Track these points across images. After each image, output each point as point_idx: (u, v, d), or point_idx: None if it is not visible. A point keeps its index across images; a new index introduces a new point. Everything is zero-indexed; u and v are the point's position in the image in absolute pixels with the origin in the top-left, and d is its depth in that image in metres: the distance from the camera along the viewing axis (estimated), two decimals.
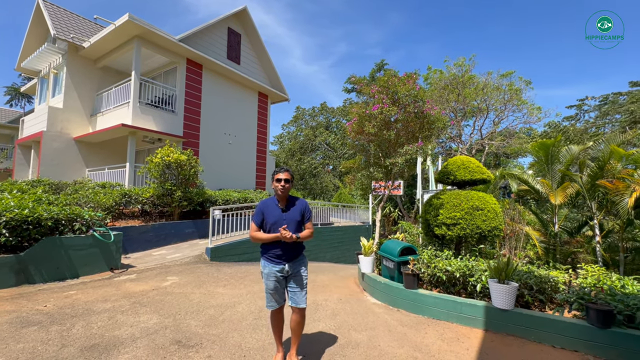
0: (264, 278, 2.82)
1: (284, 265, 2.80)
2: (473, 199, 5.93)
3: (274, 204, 2.83)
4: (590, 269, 5.96)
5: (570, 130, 21.46)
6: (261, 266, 2.87)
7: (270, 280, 2.79)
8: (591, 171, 6.62)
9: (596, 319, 3.42)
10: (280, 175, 2.80)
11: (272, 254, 2.79)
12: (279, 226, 2.72)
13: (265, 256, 2.84)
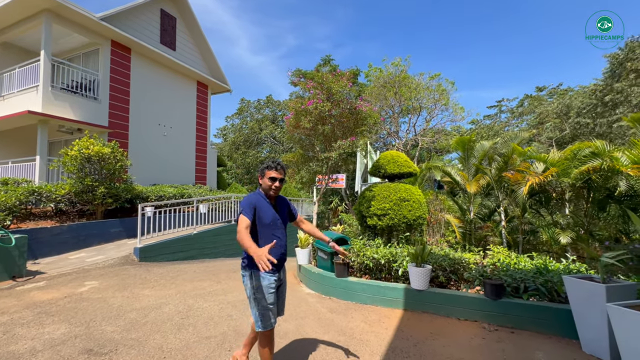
0: (262, 292, 2.28)
1: (280, 273, 2.45)
2: (401, 191, 6.41)
3: (265, 202, 2.42)
4: (496, 250, 6.89)
5: (494, 127, 24.24)
6: (255, 279, 2.31)
7: (271, 293, 2.29)
8: (498, 165, 7.63)
9: (490, 292, 3.98)
10: (274, 173, 2.39)
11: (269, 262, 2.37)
12: (275, 227, 2.40)
13: (256, 266, 2.27)
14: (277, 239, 2.35)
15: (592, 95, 17.85)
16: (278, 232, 2.42)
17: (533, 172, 7.02)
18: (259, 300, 2.27)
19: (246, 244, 2.09)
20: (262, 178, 2.44)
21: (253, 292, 2.30)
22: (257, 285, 2.29)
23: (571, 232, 6.55)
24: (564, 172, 6.58)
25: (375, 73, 17.77)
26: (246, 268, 2.36)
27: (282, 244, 2.44)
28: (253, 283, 2.30)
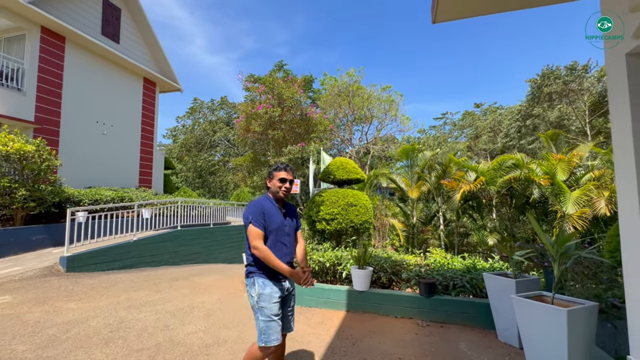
0: (265, 301, 2.12)
1: (286, 282, 2.29)
2: (348, 196, 6.64)
3: (274, 206, 2.29)
4: (435, 252, 7.45)
5: (438, 138, 26.20)
6: (257, 286, 2.16)
7: (275, 303, 2.15)
8: (437, 173, 8.31)
9: (424, 290, 4.30)
10: (284, 174, 2.30)
11: (270, 269, 2.18)
12: (283, 234, 2.25)
13: (264, 272, 2.18)
14: (283, 246, 2.23)
15: (517, 115, 20.25)
16: (285, 239, 2.26)
17: (466, 180, 7.75)
18: (263, 310, 2.11)
19: (275, 263, 2.09)
20: (270, 180, 2.34)
21: (256, 300, 2.14)
22: (259, 292, 2.14)
23: (497, 234, 7.32)
24: (492, 180, 7.37)
25: (330, 82, 18.26)
26: (250, 275, 2.22)
27: (290, 252, 2.29)
28: (256, 290, 2.15)
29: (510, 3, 3.19)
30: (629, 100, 2.13)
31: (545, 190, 6.63)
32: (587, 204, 6.15)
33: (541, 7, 3.14)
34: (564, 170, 6.82)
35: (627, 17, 2.09)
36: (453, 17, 3.36)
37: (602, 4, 2.41)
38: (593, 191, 6.17)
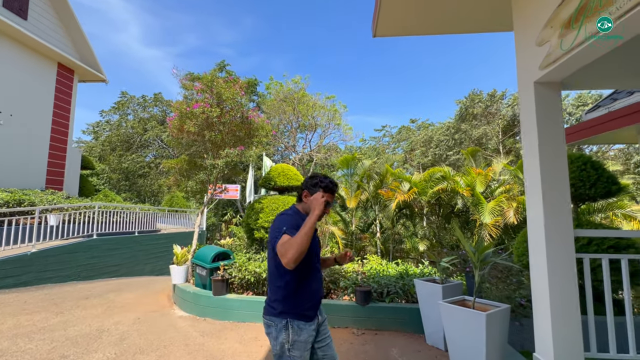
0: (299, 349, 1.66)
1: (318, 316, 1.81)
2: (289, 204, 6.50)
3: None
4: (372, 258, 7.69)
5: (377, 149, 27.66)
6: (291, 332, 1.66)
7: (308, 351, 1.72)
8: (375, 182, 8.68)
9: (360, 299, 4.34)
10: (330, 198, 1.81)
11: (314, 302, 1.76)
12: (316, 256, 1.83)
13: (299, 312, 1.69)
14: (317, 271, 1.83)
15: (446, 132, 22.50)
16: (317, 263, 1.86)
17: (401, 190, 8.21)
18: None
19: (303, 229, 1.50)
20: (310, 195, 1.80)
21: (287, 349, 1.64)
22: (294, 340, 1.64)
23: (427, 241, 7.87)
24: (423, 191, 7.93)
25: (276, 87, 18.10)
26: (279, 315, 1.67)
27: (321, 276, 1.91)
28: (289, 337, 1.64)
29: (442, 28, 3.46)
30: (536, 122, 2.40)
31: (467, 200, 7.35)
32: (499, 213, 6.96)
33: (470, 34, 3.46)
34: (482, 183, 7.65)
35: (535, 50, 2.37)
36: (392, 34, 3.52)
37: (516, 37, 2.71)
38: (504, 202, 7.01)
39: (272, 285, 1.73)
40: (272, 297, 1.72)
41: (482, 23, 3.24)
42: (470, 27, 3.36)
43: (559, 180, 2.32)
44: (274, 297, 1.71)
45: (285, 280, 1.66)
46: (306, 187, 1.82)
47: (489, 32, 3.34)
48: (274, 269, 1.71)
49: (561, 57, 2.09)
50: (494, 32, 3.29)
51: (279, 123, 18.45)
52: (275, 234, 1.63)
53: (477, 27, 3.34)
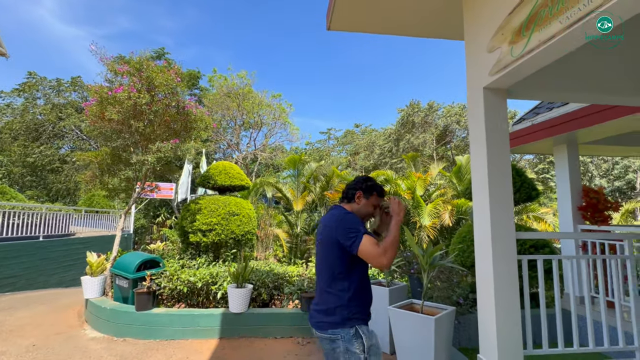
0: (376, 355, 1.52)
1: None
2: (230, 204, 6.01)
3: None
4: None
5: (323, 151, 27.93)
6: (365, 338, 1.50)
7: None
8: (322, 184, 8.60)
9: (306, 305, 4.11)
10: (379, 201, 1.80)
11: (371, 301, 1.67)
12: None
13: (364, 315, 1.58)
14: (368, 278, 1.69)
15: (388, 137, 23.71)
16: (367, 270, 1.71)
17: None
18: None
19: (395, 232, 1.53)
20: (364, 199, 1.74)
21: (365, 357, 1.47)
22: (369, 345, 1.50)
23: None
24: None
25: (220, 80, 17.06)
26: (345, 324, 1.51)
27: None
28: (364, 343, 1.49)
29: (395, 28, 3.43)
30: (484, 128, 2.45)
31: (408, 203, 7.66)
32: (436, 215, 7.38)
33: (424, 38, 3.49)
34: (422, 187, 8.06)
35: (486, 56, 2.42)
36: (346, 28, 3.38)
37: (467, 44, 2.77)
38: (441, 205, 7.46)
39: (330, 291, 1.55)
40: (331, 305, 1.53)
41: (434, 28, 3.28)
42: (423, 32, 3.40)
43: (503, 184, 2.39)
44: (335, 304, 1.52)
45: (351, 281, 1.54)
46: (361, 189, 1.75)
47: (442, 38, 3.41)
48: (338, 271, 1.54)
49: (511, 64, 2.14)
50: (446, 39, 3.37)
51: (221, 119, 17.42)
52: (349, 234, 1.50)
53: (430, 32, 3.39)
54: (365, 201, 1.74)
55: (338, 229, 1.55)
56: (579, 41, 1.79)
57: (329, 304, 1.54)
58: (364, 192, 1.75)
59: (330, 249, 1.56)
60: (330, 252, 1.56)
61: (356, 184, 1.79)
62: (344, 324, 1.50)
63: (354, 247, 1.48)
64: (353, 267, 1.55)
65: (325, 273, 1.59)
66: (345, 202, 1.78)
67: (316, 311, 1.59)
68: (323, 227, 1.67)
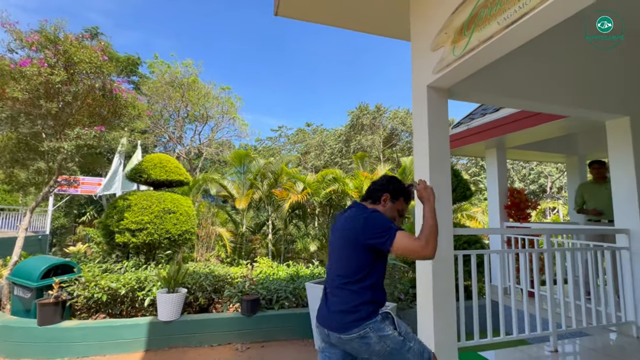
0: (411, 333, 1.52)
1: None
2: (166, 201, 5.47)
3: None
4: (262, 261, 7.27)
5: (273, 149, 27.40)
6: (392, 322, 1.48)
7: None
8: (270, 181, 8.33)
9: (246, 309, 3.86)
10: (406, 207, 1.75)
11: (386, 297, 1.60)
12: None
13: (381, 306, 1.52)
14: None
15: (338, 138, 24.13)
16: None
17: (295, 190, 8.09)
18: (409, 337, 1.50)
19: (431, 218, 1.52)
20: (390, 202, 1.67)
21: (399, 333, 1.46)
22: (399, 325, 1.50)
23: (318, 241, 7.95)
24: (316, 192, 8.00)
25: (162, 67, 15.68)
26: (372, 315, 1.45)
27: None
28: (394, 323, 1.49)
29: (343, 21, 3.36)
30: (427, 126, 2.48)
31: None
32: None
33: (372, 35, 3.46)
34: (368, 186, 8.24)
35: (430, 55, 2.45)
36: (294, 16, 3.21)
37: (413, 42, 2.79)
38: None
39: (352, 289, 1.48)
40: (355, 303, 1.46)
41: (381, 25, 3.27)
42: (371, 28, 3.38)
43: (444, 181, 2.44)
44: (357, 300, 1.46)
45: (373, 277, 1.51)
46: (389, 191, 1.67)
47: (390, 37, 3.42)
48: (361, 270, 1.48)
49: (453, 62, 2.18)
50: (395, 38, 3.39)
51: (163, 109, 16.04)
52: (380, 232, 1.44)
53: (377, 29, 3.38)
54: (391, 205, 1.66)
55: (366, 229, 1.47)
56: (516, 42, 1.86)
57: (352, 301, 1.47)
58: (392, 194, 1.67)
59: (353, 249, 1.50)
60: (353, 251, 1.50)
61: (384, 184, 1.70)
62: (369, 317, 1.44)
63: (387, 245, 1.42)
64: (376, 265, 1.52)
65: (345, 271, 1.52)
66: (369, 203, 1.68)
67: (335, 312, 1.49)
68: (344, 225, 1.59)
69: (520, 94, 2.69)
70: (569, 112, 3.00)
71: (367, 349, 1.44)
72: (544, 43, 2.76)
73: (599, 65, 2.98)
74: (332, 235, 1.67)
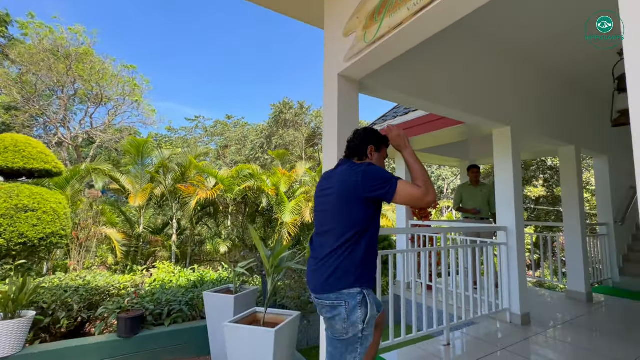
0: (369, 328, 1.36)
1: None
2: (21, 196, 4.23)
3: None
4: (162, 266, 6.33)
5: (188, 140, 24.97)
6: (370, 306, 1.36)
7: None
8: (175, 175, 7.35)
9: (124, 329, 3.16)
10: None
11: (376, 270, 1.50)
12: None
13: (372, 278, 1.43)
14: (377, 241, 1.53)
15: (260, 133, 23.34)
16: None
17: (205, 186, 7.31)
18: (366, 339, 1.36)
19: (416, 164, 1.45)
20: (376, 153, 1.59)
21: (360, 330, 1.33)
22: (371, 315, 1.35)
23: (229, 242, 7.33)
24: (230, 188, 7.37)
25: (41, 30, 12.64)
26: (353, 286, 1.34)
27: None
28: (366, 313, 1.34)
29: None
30: (337, 116, 2.28)
31: (272, 199, 7.43)
32: (298, 212, 7.41)
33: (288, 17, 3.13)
34: (286, 184, 7.98)
35: (343, 41, 2.26)
36: None
37: (326, 27, 2.58)
38: (303, 202, 7.54)
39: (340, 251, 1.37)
40: (341, 265, 1.36)
41: (297, 7, 2.98)
42: (286, 9, 3.06)
43: None
44: (345, 263, 1.36)
45: (364, 241, 1.39)
46: (372, 142, 1.59)
47: (305, 22, 3.16)
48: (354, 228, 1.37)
49: (365, 50, 2.01)
50: (310, 24, 3.14)
51: (40, 82, 12.97)
52: (380, 183, 1.36)
53: (293, 11, 3.08)
54: (377, 155, 1.60)
55: (366, 181, 1.38)
56: (425, 32, 1.77)
57: (339, 264, 1.37)
58: (375, 145, 1.59)
59: (349, 203, 1.40)
60: (349, 206, 1.40)
61: (364, 138, 1.59)
62: (352, 286, 1.36)
63: (389, 194, 1.36)
64: (373, 221, 1.44)
65: (336, 231, 1.41)
66: (357, 160, 1.58)
67: (319, 273, 1.41)
68: (337, 182, 1.47)
69: (428, 96, 2.71)
70: (466, 118, 3.20)
71: (330, 321, 1.37)
72: (448, 51, 2.87)
73: (492, 79, 3.25)
74: (317, 198, 1.58)
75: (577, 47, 3.34)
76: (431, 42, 2.75)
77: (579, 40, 3.11)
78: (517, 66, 3.52)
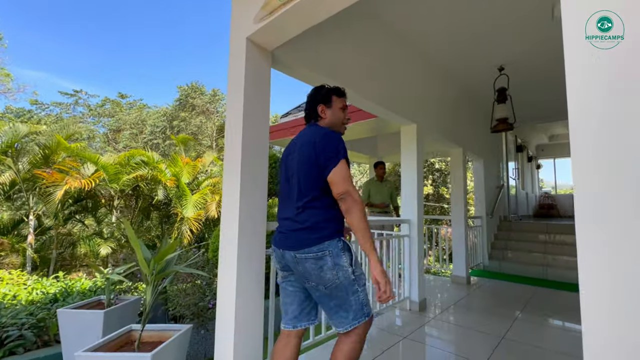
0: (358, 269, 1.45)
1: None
2: None
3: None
4: (7, 277, 4.83)
5: (65, 120, 20.30)
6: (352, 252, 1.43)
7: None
8: (35, 158, 5.68)
9: None
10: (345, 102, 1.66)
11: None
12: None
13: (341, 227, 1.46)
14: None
15: (162, 117, 20.65)
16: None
17: (81, 173, 5.88)
18: (361, 279, 1.44)
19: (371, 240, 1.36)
20: (328, 109, 1.57)
21: (352, 270, 1.40)
22: (354, 259, 1.44)
23: (113, 242, 6.09)
24: (115, 177, 6.10)
25: None
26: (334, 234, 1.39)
27: None
28: (351, 257, 1.41)
29: None
30: (243, 91, 1.91)
31: (171, 191, 6.46)
32: (203, 206, 6.65)
33: None
34: (190, 174, 7.08)
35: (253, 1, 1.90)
36: None
37: None
38: (209, 195, 6.80)
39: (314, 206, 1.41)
40: (318, 219, 1.40)
41: None
42: None
43: (259, 167, 1.95)
44: (322, 217, 1.40)
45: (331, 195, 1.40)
46: (319, 100, 1.57)
47: None
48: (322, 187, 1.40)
49: (277, 10, 1.70)
50: None
51: None
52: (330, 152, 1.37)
53: None
54: (330, 110, 1.58)
55: (322, 144, 1.40)
56: None
57: (315, 218, 1.40)
58: (323, 101, 1.57)
59: (311, 167, 1.40)
60: (312, 166, 1.40)
61: (311, 99, 1.60)
62: (332, 237, 1.39)
63: (329, 168, 1.36)
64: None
65: (304, 191, 1.41)
66: (315, 123, 1.58)
67: (296, 231, 1.41)
68: (301, 145, 1.47)
69: (346, 81, 2.56)
70: (379, 111, 3.19)
71: (319, 274, 1.37)
72: (368, 39, 2.79)
73: (404, 76, 3.33)
74: (284, 164, 1.57)
75: (470, 58, 3.71)
76: (351, 24, 2.62)
77: (472, 53, 3.44)
78: (425, 66, 3.71)
